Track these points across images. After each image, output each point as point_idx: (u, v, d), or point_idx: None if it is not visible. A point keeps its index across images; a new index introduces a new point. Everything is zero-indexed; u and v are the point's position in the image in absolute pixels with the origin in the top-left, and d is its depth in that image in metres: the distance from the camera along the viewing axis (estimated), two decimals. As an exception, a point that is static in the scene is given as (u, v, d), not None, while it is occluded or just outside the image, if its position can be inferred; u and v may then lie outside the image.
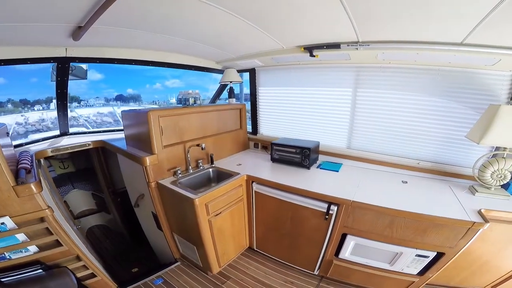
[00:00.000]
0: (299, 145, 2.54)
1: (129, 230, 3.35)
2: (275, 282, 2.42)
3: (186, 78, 27.35)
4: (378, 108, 2.47)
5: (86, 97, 4.39)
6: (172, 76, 42.96)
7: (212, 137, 2.74)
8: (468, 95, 2.08)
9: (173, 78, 41.06)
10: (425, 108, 2.27)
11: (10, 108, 4.03)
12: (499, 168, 1.89)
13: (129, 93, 17.54)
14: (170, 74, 45.16)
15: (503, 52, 1.71)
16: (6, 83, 6.04)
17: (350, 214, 1.94)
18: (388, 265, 2.00)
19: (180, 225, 2.34)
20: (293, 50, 2.43)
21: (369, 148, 2.62)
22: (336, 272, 2.27)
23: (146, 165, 2.14)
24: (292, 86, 2.95)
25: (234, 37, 2.32)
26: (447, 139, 2.24)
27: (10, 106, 4.09)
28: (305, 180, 2.26)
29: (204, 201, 2.00)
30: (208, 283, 2.41)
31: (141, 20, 1.92)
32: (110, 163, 3.17)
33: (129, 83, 34.82)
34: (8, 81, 6.53)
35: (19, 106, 3.97)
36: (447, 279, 2.15)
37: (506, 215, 1.72)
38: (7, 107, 3.99)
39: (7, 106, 4.08)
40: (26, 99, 3.67)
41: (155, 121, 2.15)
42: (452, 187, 2.11)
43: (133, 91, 29.60)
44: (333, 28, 1.91)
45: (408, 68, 2.24)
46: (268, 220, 2.47)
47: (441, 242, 1.73)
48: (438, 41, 1.82)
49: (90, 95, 6.17)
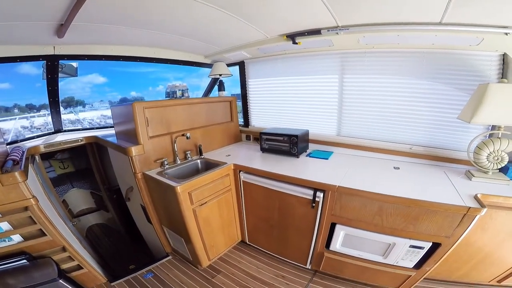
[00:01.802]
0: (286, 133, 2.49)
1: (126, 227, 3.36)
2: (267, 276, 2.36)
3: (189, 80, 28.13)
4: (365, 94, 2.42)
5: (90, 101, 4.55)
6: (175, 78, 43.73)
7: (201, 128, 2.73)
8: (457, 77, 2.02)
9: (176, 80, 41.98)
10: (414, 92, 2.20)
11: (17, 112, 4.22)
12: (494, 149, 1.79)
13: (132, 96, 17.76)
14: (173, 76, 45.68)
15: (482, 30, 1.66)
16: (12, 88, 6.30)
17: (337, 201, 1.87)
18: (381, 257, 1.90)
19: (168, 217, 2.32)
20: (277, 39, 2.42)
21: (359, 134, 2.56)
22: (328, 265, 2.19)
23: (132, 155, 2.15)
24: (280, 76, 2.93)
25: (215, 29, 2.31)
26: (439, 122, 2.16)
27: (17, 111, 4.28)
28: (293, 168, 2.20)
29: (187, 189, 1.97)
30: (198, 277, 2.37)
31: (120, 16, 1.96)
32: (104, 160, 3.20)
33: (133, 86, 35.87)
34: (14, 87, 6.79)
35: (25, 111, 4.13)
36: (448, 273, 2.04)
37: (505, 200, 1.59)
38: (13, 112, 4.18)
39: (13, 110, 4.27)
40: (32, 103, 3.80)
41: (140, 112, 2.16)
42: (447, 173, 2.01)
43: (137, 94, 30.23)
44: (311, 13, 1.89)
45: (393, 52, 2.20)
46: (257, 211, 2.43)
47: (436, 231, 1.62)
48: (417, 22, 1.77)
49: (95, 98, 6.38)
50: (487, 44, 1.80)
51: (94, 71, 25.31)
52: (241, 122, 3.54)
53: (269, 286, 2.25)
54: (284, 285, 2.25)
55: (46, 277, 1.74)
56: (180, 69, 3.59)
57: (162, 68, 5.58)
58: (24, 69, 8.56)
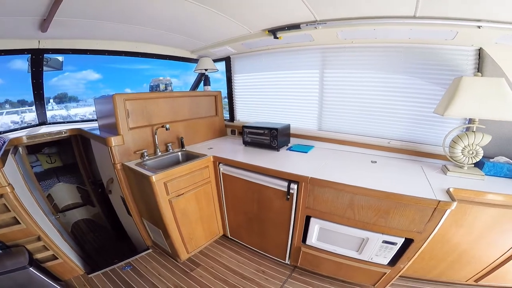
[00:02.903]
0: (267, 126, 2.51)
1: (112, 221, 3.35)
2: (247, 270, 2.36)
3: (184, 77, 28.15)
4: (345, 88, 2.45)
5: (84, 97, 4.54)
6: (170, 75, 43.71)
7: (184, 122, 2.74)
8: (434, 71, 2.04)
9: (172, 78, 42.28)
10: (392, 86, 2.22)
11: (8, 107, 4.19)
12: (469, 143, 1.80)
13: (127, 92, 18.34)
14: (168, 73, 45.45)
15: (455, 23, 1.67)
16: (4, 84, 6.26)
17: (310, 193, 1.88)
18: (356, 253, 1.89)
19: (146, 209, 2.32)
20: (260, 34, 2.45)
21: (339, 129, 2.58)
22: (305, 260, 2.18)
23: (111, 145, 2.15)
24: (265, 71, 2.96)
25: (198, 23, 2.34)
26: (417, 116, 2.18)
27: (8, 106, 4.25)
28: (271, 161, 2.20)
29: (163, 179, 1.98)
30: (177, 269, 2.37)
31: (100, 11, 2.00)
32: (89, 153, 3.20)
33: (127, 82, 35.72)
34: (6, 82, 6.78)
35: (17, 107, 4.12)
36: (424, 272, 2.02)
37: (477, 195, 1.58)
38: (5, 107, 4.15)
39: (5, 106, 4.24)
40: (24, 99, 3.81)
41: (121, 104, 2.18)
42: (424, 167, 2.01)
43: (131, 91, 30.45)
44: (290, 8, 1.91)
45: (371, 47, 2.22)
46: (237, 203, 2.43)
47: (407, 226, 1.61)
48: (392, 15, 1.78)
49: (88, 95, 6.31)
50: (463, 38, 1.81)
51: (88, 67, 25.61)
52: (228, 117, 3.56)
53: (248, 280, 2.24)
54: (263, 280, 2.24)
55: (17, 265, 1.73)
56: (175, 66, 3.61)
57: (158, 65, 5.67)
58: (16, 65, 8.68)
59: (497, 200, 1.56)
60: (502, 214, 1.59)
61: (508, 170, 1.78)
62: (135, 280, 2.25)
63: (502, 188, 1.61)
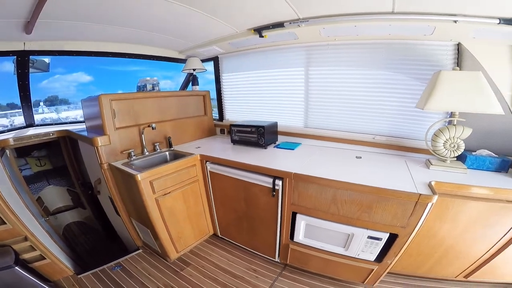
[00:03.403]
0: (254, 124, 2.53)
1: (103, 223, 3.34)
2: (238, 269, 2.37)
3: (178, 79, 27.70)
4: (329, 86, 2.48)
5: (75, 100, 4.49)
6: (163, 77, 43.98)
7: (171, 121, 2.75)
8: (415, 67, 2.08)
9: (165, 79, 41.87)
10: (375, 82, 2.25)
11: (-4, 111, 4.18)
12: (450, 136, 1.82)
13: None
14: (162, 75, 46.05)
15: (432, 18, 1.70)
16: None
17: (294, 189, 1.90)
18: (343, 249, 1.90)
19: (134, 208, 2.32)
20: (246, 33, 2.47)
21: (325, 125, 2.61)
22: (294, 258, 2.19)
23: (97, 145, 2.16)
24: (252, 70, 2.99)
25: (184, 24, 2.36)
26: (400, 112, 2.21)
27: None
28: (258, 158, 2.22)
29: (148, 178, 1.98)
30: (167, 269, 2.37)
31: (83, 13, 2.01)
32: (78, 155, 3.18)
33: (119, 84, 35.37)
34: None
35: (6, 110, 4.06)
36: (413, 268, 2.03)
37: (459, 188, 1.58)
38: (-6, 111, 4.14)
39: (-6, 110, 4.23)
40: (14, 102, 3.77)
41: (107, 104, 2.19)
42: (408, 162, 2.04)
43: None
44: (273, 6, 1.93)
45: (354, 44, 2.26)
46: (225, 202, 2.44)
47: (391, 221, 1.62)
48: (371, 12, 1.81)
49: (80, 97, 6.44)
50: (441, 33, 1.85)
51: (79, 69, 24.76)
52: (217, 116, 3.58)
53: (239, 279, 2.25)
54: (254, 279, 2.25)
55: (2, 264, 1.73)
56: (168, 68, 3.63)
57: (151, 66, 5.63)
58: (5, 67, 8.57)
59: (480, 194, 1.56)
60: (485, 207, 1.59)
61: (490, 163, 1.81)
62: (125, 280, 2.25)
63: (484, 181, 1.62)
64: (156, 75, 3.94)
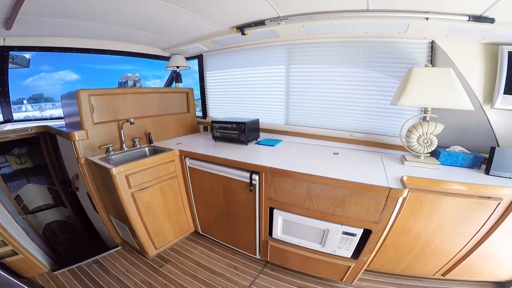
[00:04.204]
0: (235, 121, 2.54)
1: (84, 221, 3.28)
2: (218, 266, 2.35)
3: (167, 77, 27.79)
4: (309, 83, 2.52)
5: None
6: (153, 76, 43.28)
7: (152, 118, 2.74)
8: (391, 64, 2.12)
9: (155, 79, 41.32)
10: (353, 80, 2.29)
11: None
12: (423, 132, 1.85)
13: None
14: (151, 74, 45.24)
15: (405, 16, 1.74)
16: None
17: (270, 183, 1.90)
18: (320, 246, 1.90)
19: (111, 204, 2.29)
20: (229, 31, 2.49)
21: (305, 123, 2.64)
22: (274, 255, 2.19)
23: (74, 139, 2.13)
24: (235, 68, 3.01)
25: (165, 22, 2.37)
26: (377, 108, 2.25)
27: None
28: (238, 154, 2.21)
29: (124, 172, 1.96)
30: (145, 266, 2.34)
31: (63, 10, 2.01)
32: (58, 151, 3.14)
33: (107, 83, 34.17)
34: None
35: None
36: (391, 266, 2.03)
37: (431, 184, 1.59)
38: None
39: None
40: None
41: (85, 99, 2.17)
42: (384, 158, 2.06)
43: None
44: (254, 5, 1.96)
45: (332, 42, 2.30)
46: (205, 198, 2.43)
47: (364, 216, 1.64)
48: (346, 9, 1.84)
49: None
50: (414, 31, 1.89)
51: (66, 67, 23.91)
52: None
53: (219, 275, 2.24)
54: (234, 276, 2.24)
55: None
56: (159, 67, 3.60)
57: (140, 65, 5.57)
58: None
59: (451, 189, 1.57)
60: (457, 203, 1.60)
61: (463, 159, 1.84)
62: (102, 276, 2.21)
63: (456, 177, 1.63)
64: (146, 74, 3.92)
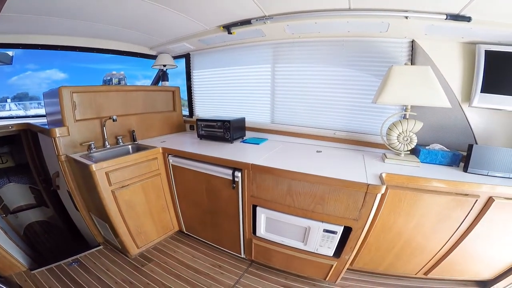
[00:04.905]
0: (220, 119, 2.54)
1: (66, 220, 3.21)
2: (202, 265, 2.33)
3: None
4: (294, 82, 2.55)
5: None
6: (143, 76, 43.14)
7: (137, 115, 2.72)
8: (373, 63, 2.16)
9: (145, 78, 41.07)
10: (337, 79, 2.32)
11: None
12: (403, 129, 1.88)
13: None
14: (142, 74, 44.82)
15: (385, 14, 1.77)
16: None
17: (253, 180, 1.90)
18: (302, 244, 1.91)
19: (92, 202, 2.26)
20: (215, 30, 2.50)
21: (290, 121, 2.66)
22: (258, 253, 2.18)
23: (54, 136, 2.10)
24: (222, 67, 3.01)
25: (152, 20, 2.37)
26: (359, 107, 2.28)
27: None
28: (222, 152, 2.21)
29: (104, 169, 1.94)
30: (127, 265, 2.30)
31: (48, 7, 1.99)
32: (40, 149, 3.08)
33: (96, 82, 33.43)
34: None
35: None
36: (375, 265, 2.04)
37: (409, 180, 1.60)
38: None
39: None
40: None
41: (67, 96, 2.14)
42: (365, 156, 2.09)
43: None
44: (240, 5, 1.98)
45: (316, 41, 2.33)
46: (188, 196, 2.41)
47: (343, 213, 1.65)
48: (329, 8, 1.87)
49: None
50: (395, 30, 1.94)
51: (54, 66, 23.38)
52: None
53: (202, 275, 2.22)
54: (219, 275, 2.22)
55: None
56: (149, 67, 3.57)
57: (131, 65, 5.50)
58: None
59: (430, 186, 1.58)
60: (436, 200, 1.60)
61: (442, 157, 1.87)
62: (82, 275, 2.16)
63: (435, 174, 1.65)
64: (135, 74, 3.89)
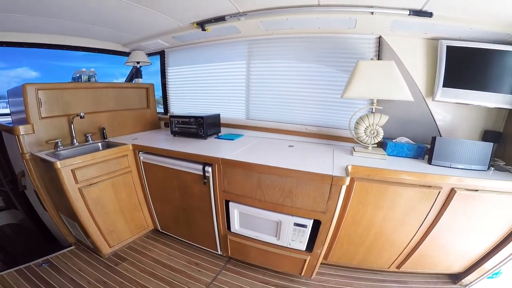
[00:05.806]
0: (193, 115, 2.52)
1: (36, 222, 3.12)
2: (178, 263, 2.31)
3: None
4: (268, 78, 2.57)
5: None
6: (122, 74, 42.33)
7: (107, 113, 2.66)
8: (343, 59, 2.21)
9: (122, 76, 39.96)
10: (308, 75, 2.36)
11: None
12: (369, 123, 1.92)
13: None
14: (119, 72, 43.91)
15: (352, 10, 1.81)
16: None
17: (224, 175, 1.90)
18: (275, 238, 1.92)
19: (60, 201, 2.19)
20: (189, 27, 2.48)
21: (265, 117, 2.69)
22: (234, 250, 2.19)
23: (18, 134, 2.02)
24: (197, 64, 3.00)
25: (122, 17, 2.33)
26: (329, 102, 2.33)
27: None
28: (194, 148, 2.19)
29: (69, 166, 1.89)
30: (100, 265, 2.26)
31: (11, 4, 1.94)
32: (5, 149, 2.98)
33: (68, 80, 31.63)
34: None
35: None
36: (348, 259, 2.07)
37: (374, 172, 1.64)
38: None
39: None
40: None
41: (32, 93, 2.07)
42: (335, 150, 2.13)
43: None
44: (213, 1, 1.98)
45: (289, 38, 2.36)
46: (161, 193, 2.39)
47: (312, 206, 1.67)
48: (299, 5, 1.89)
49: None
50: (363, 26, 1.98)
51: (24, 64, 22.01)
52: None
53: (178, 272, 2.20)
54: (195, 272, 2.21)
55: None
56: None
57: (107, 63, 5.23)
58: None
59: (394, 178, 1.62)
60: (401, 192, 1.64)
61: (408, 150, 1.93)
62: (53, 276, 2.10)
63: (400, 166, 1.69)
64: (113, 72, 3.80)
